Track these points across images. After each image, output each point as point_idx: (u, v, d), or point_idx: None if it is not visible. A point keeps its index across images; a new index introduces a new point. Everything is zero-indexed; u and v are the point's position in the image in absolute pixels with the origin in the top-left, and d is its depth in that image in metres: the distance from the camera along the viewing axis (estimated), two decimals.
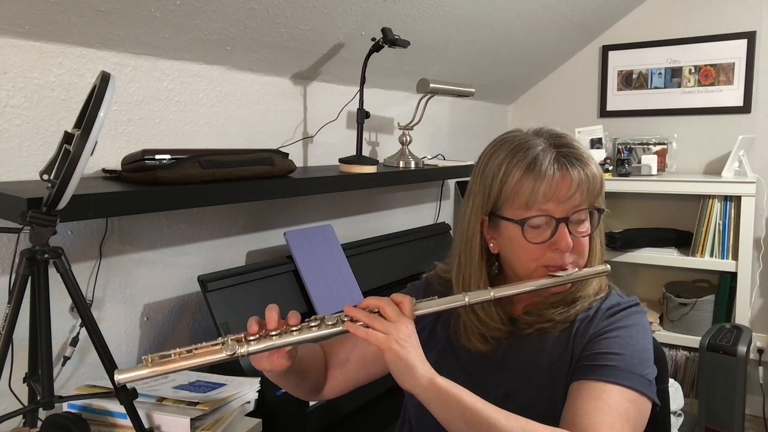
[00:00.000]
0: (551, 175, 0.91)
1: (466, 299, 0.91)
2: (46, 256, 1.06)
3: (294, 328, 0.87)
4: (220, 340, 0.86)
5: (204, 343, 0.85)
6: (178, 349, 0.84)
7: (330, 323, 0.88)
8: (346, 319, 0.88)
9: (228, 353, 0.84)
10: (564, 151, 0.93)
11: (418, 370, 0.84)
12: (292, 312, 0.89)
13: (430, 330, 1.07)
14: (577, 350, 0.93)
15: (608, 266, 0.98)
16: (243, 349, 0.85)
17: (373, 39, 1.90)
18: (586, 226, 0.96)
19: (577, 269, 0.95)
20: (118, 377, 0.82)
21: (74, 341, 1.41)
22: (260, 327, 0.88)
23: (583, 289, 0.99)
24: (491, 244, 1.00)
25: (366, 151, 2.30)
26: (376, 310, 0.89)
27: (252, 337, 0.86)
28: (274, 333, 0.87)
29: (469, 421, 0.81)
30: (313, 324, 0.88)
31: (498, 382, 0.97)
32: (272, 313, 0.88)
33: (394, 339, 0.84)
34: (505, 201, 0.94)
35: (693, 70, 2.93)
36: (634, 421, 0.85)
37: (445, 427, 0.84)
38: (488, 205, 0.96)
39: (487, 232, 0.99)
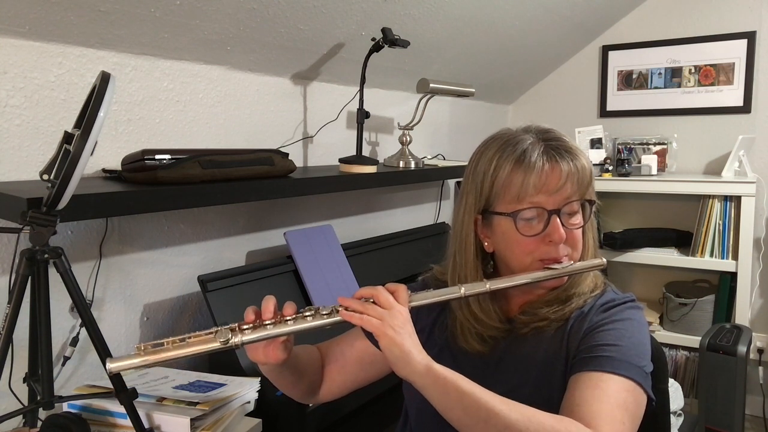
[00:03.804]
0: (540, 166, 0.92)
1: (462, 290, 0.91)
2: (46, 256, 1.06)
3: (288, 318, 0.87)
4: (213, 329, 0.84)
5: (197, 332, 0.84)
6: (171, 338, 0.83)
7: (324, 313, 0.87)
8: (340, 309, 0.88)
9: (221, 341, 0.83)
10: (553, 143, 0.94)
11: (414, 357, 0.83)
12: (288, 302, 0.89)
13: (428, 333, 1.07)
14: (572, 346, 0.93)
15: (604, 260, 0.98)
16: (237, 339, 0.84)
17: (373, 39, 1.90)
18: (578, 219, 0.96)
19: (572, 262, 0.95)
20: (111, 365, 0.79)
21: (74, 341, 1.41)
22: (257, 316, 0.88)
23: (578, 286, 0.99)
24: (486, 243, 1.00)
25: (366, 151, 2.30)
26: (371, 299, 0.88)
27: (246, 326, 0.85)
28: (268, 323, 0.86)
29: (468, 407, 0.81)
30: (307, 314, 0.87)
31: (496, 382, 0.97)
32: (268, 303, 0.88)
33: (389, 325, 0.84)
34: (497, 196, 0.95)
35: (693, 70, 2.93)
36: (632, 411, 0.85)
37: (444, 414, 0.83)
38: (481, 202, 0.97)
39: (481, 231, 1.00)
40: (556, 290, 0.99)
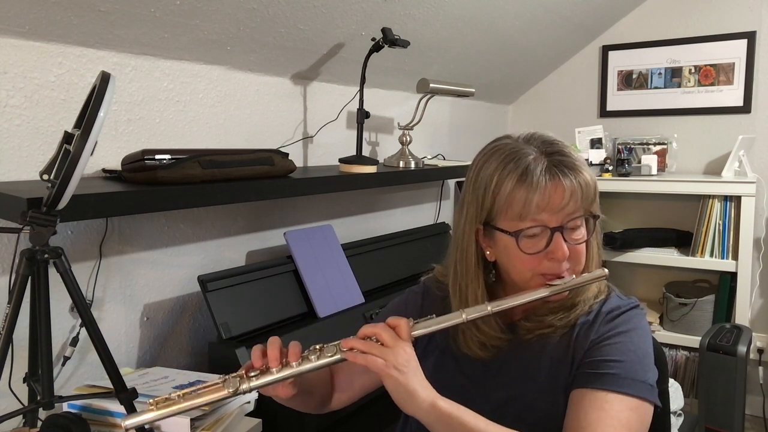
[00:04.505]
0: (544, 185, 0.89)
1: (464, 316, 0.90)
2: (46, 256, 1.06)
3: (293, 363, 0.87)
4: (221, 378, 0.86)
5: (206, 383, 0.87)
6: (181, 391, 0.85)
7: (329, 354, 0.88)
8: (344, 349, 0.87)
9: (230, 390, 0.85)
10: (555, 159, 0.92)
11: (419, 395, 0.83)
12: (293, 344, 0.89)
13: (428, 337, 1.06)
14: (578, 355, 0.93)
15: (606, 270, 0.97)
16: (245, 386, 0.86)
17: (373, 39, 1.90)
18: (581, 233, 0.95)
19: (574, 276, 0.94)
20: (126, 423, 0.83)
21: (74, 341, 1.41)
22: (263, 355, 0.88)
23: (583, 293, 0.98)
24: (488, 252, 0.99)
25: (366, 151, 2.30)
26: (374, 338, 0.88)
27: (253, 373, 0.87)
28: (274, 368, 0.87)
29: None
30: (312, 356, 0.88)
31: (498, 387, 0.97)
32: (273, 350, 0.87)
33: (392, 365, 0.83)
34: (499, 212, 0.93)
35: (693, 70, 2.93)
36: (636, 429, 0.86)
37: None
38: (482, 215, 0.95)
39: (482, 240, 0.98)
40: (559, 300, 0.98)
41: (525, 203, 0.90)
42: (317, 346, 0.89)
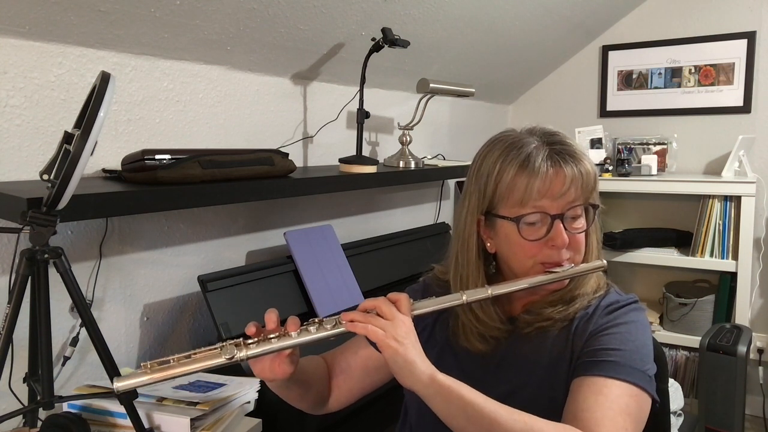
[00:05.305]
0: (545, 171, 0.91)
1: (464, 297, 0.91)
2: (46, 256, 1.06)
3: (292, 332, 0.87)
4: (218, 344, 0.85)
5: (202, 348, 0.84)
6: (176, 355, 0.83)
7: (328, 326, 0.88)
8: (343, 321, 0.88)
9: (227, 357, 0.83)
10: (557, 148, 0.94)
11: (417, 367, 0.83)
12: (291, 318, 0.89)
13: (429, 332, 1.07)
14: (576, 348, 0.93)
15: (604, 261, 0.99)
16: (242, 353, 0.84)
17: (373, 39, 1.90)
18: (581, 223, 0.97)
19: (573, 265, 0.95)
20: (117, 384, 0.80)
21: (74, 341, 1.41)
22: (258, 331, 0.88)
23: (582, 287, 0.99)
24: (488, 244, 1.00)
25: (366, 151, 2.30)
26: (374, 311, 0.88)
27: (250, 341, 0.85)
28: (272, 336, 0.86)
29: (471, 417, 0.80)
30: (311, 327, 0.87)
31: (498, 381, 0.97)
32: (271, 315, 0.88)
33: (391, 335, 0.84)
34: (501, 199, 0.95)
35: (693, 70, 2.93)
36: (635, 416, 0.85)
37: (447, 423, 0.83)
38: (484, 204, 0.97)
39: (483, 231, 1.00)
40: (559, 291, 0.99)
41: (526, 189, 0.92)
42: (316, 319, 0.89)
